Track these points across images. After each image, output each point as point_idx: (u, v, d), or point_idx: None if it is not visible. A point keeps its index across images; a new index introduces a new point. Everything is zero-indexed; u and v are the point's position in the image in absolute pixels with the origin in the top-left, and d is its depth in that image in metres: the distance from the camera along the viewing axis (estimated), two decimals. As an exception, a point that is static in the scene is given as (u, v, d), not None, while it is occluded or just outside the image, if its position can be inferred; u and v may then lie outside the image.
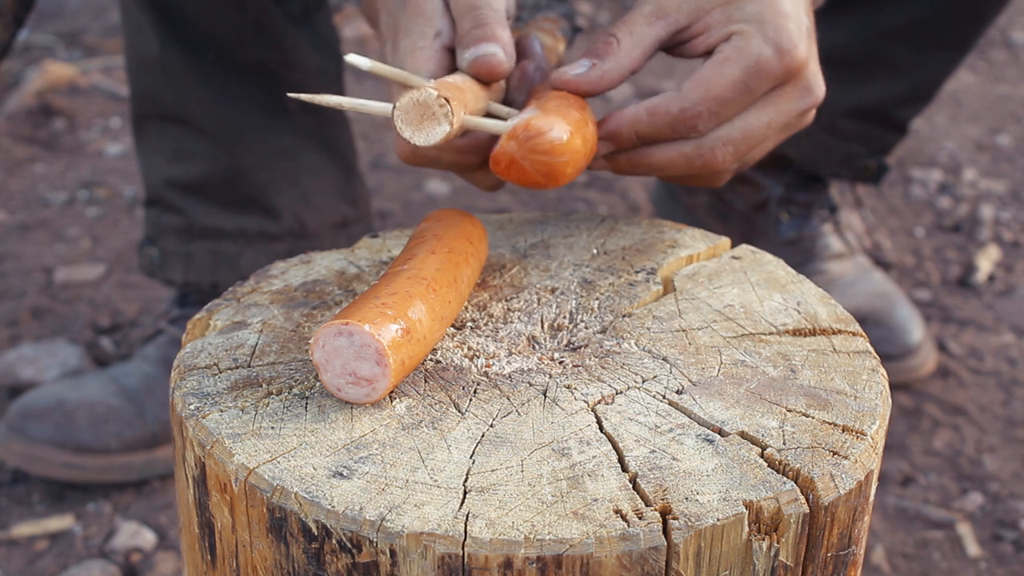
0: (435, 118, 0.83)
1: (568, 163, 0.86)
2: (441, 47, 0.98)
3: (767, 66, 0.94)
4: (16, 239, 2.30)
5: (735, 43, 0.95)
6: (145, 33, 1.60)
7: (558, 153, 0.85)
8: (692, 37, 0.98)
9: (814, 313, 0.89)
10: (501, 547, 0.67)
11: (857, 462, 0.74)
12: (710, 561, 0.69)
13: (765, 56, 0.94)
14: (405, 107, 0.82)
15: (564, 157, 0.86)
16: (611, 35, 0.98)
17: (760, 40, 0.94)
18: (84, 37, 3.27)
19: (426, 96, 0.82)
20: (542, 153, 0.85)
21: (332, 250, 0.98)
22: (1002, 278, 2.22)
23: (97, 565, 1.53)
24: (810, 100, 0.99)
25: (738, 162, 0.98)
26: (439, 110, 0.82)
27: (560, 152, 0.85)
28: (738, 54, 0.94)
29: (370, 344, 0.75)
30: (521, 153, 0.85)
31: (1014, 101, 2.98)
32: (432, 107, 0.82)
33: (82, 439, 1.64)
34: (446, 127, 0.83)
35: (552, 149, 0.85)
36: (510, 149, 0.85)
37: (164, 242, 1.70)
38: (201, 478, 0.76)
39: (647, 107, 0.95)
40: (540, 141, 0.85)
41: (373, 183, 2.47)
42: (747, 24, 0.95)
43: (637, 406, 0.78)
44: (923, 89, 1.89)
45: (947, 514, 1.65)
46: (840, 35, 1.81)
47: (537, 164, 0.85)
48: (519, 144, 0.85)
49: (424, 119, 0.83)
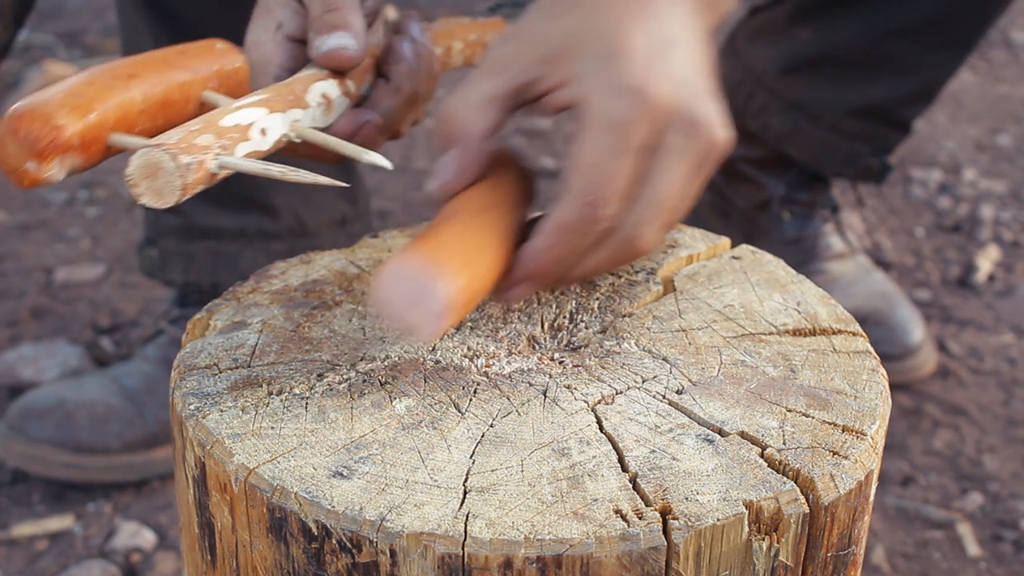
0: (167, 174, 0.75)
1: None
2: (283, 38, 0.96)
3: (631, 121, 0.79)
4: (16, 239, 2.30)
5: (580, 112, 0.80)
6: (141, 33, 1.59)
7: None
8: (547, 91, 0.83)
9: (814, 313, 0.89)
10: (501, 547, 0.67)
11: (857, 462, 0.74)
12: (710, 561, 0.69)
13: (621, 111, 0.78)
14: (136, 175, 0.76)
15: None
16: (451, 116, 0.84)
17: (607, 95, 0.79)
18: (84, 37, 3.27)
19: (153, 158, 0.75)
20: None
21: (332, 250, 0.98)
22: (1002, 278, 2.22)
23: (97, 565, 1.53)
24: (703, 132, 0.81)
25: (668, 229, 0.85)
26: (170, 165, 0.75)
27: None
28: (591, 122, 0.79)
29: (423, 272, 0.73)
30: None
31: (1014, 101, 2.98)
32: (162, 166, 0.75)
33: (82, 439, 1.64)
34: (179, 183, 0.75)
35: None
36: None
37: (164, 242, 1.70)
38: (201, 478, 0.76)
39: (549, 228, 0.81)
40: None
41: (373, 183, 2.47)
42: (584, 82, 0.81)
43: (637, 406, 0.78)
44: (928, 88, 1.89)
45: (947, 514, 1.65)
46: (845, 34, 1.81)
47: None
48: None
49: (157, 178, 0.76)
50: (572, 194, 0.80)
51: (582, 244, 0.81)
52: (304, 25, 0.97)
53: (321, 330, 0.86)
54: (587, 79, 0.80)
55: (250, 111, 0.84)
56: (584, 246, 0.82)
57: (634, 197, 0.81)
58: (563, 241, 0.81)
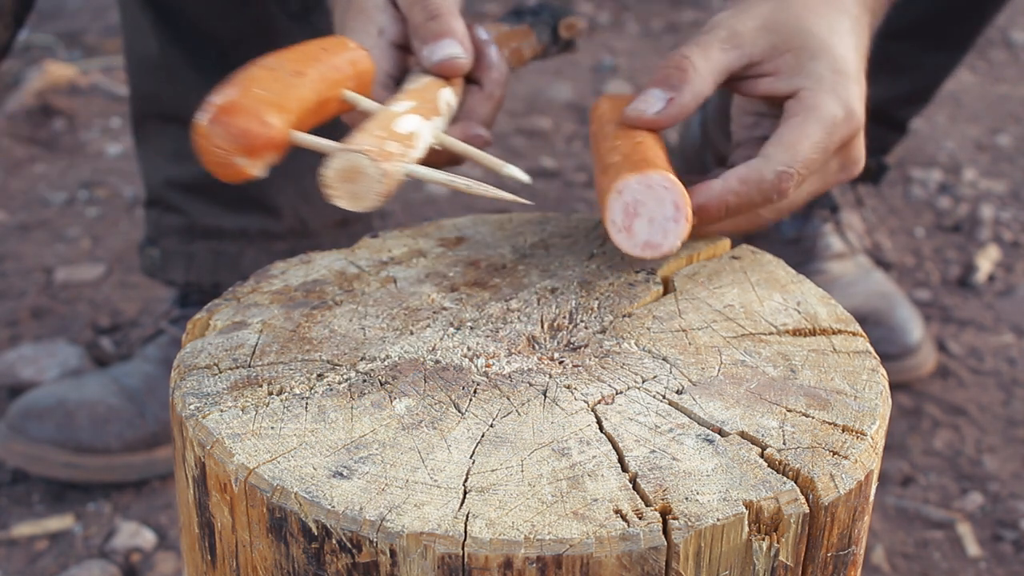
0: (367, 178, 0.76)
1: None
2: (387, 44, 0.96)
3: (840, 128, 0.91)
4: (16, 239, 2.30)
5: (807, 101, 0.92)
6: (145, 33, 1.60)
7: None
8: (759, 75, 0.95)
9: (814, 313, 0.89)
10: (501, 547, 0.67)
11: (857, 462, 0.74)
12: (710, 561, 0.69)
13: (839, 117, 0.91)
14: (333, 178, 0.76)
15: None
16: (685, 58, 0.93)
17: (833, 99, 0.91)
18: (84, 37, 3.27)
19: (353, 160, 0.76)
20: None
21: (332, 250, 0.98)
22: (1002, 278, 2.22)
23: (97, 565, 1.53)
24: (852, 171, 0.96)
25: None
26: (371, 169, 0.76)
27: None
28: (815, 114, 0.91)
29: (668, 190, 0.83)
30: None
31: (1014, 101, 2.98)
32: (362, 169, 0.76)
33: (83, 439, 1.64)
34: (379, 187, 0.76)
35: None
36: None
37: (165, 242, 1.70)
38: (201, 478, 0.76)
39: (739, 178, 0.90)
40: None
41: (373, 183, 2.46)
42: (816, 80, 0.92)
43: (637, 406, 0.78)
44: (924, 88, 1.89)
45: (947, 514, 1.65)
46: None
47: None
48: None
49: (355, 182, 0.76)
50: (774, 160, 0.90)
51: (753, 201, 0.91)
52: (404, 30, 0.98)
53: (321, 330, 0.86)
54: (822, 83, 0.92)
55: (411, 118, 0.85)
56: (751, 205, 0.91)
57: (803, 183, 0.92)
58: (744, 192, 0.90)
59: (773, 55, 0.94)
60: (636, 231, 0.85)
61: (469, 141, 0.96)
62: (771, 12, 0.96)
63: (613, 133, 0.94)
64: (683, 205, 0.84)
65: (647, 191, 0.84)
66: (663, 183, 0.84)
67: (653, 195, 0.84)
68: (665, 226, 0.84)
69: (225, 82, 0.80)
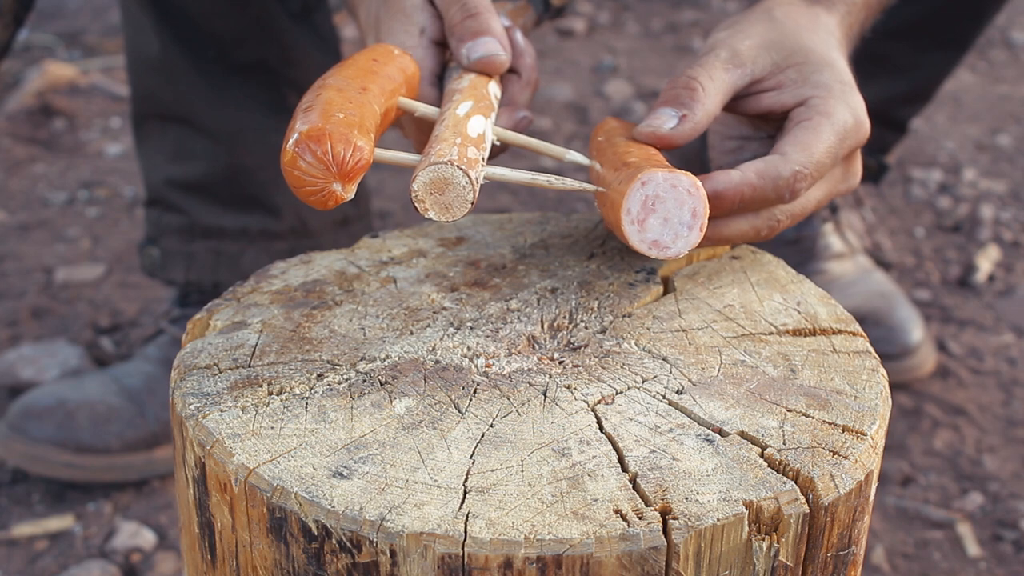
0: (457, 188, 0.78)
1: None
2: (429, 43, 0.97)
3: (850, 135, 0.93)
4: (16, 239, 2.30)
5: (819, 108, 0.93)
6: (145, 32, 1.60)
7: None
8: (763, 91, 0.96)
9: (814, 313, 0.89)
10: (501, 547, 0.67)
11: (857, 462, 0.74)
12: (710, 561, 0.69)
13: (850, 124, 0.93)
14: (422, 188, 0.78)
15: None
16: (693, 79, 0.93)
17: (844, 107, 0.93)
18: (84, 37, 3.27)
19: (444, 172, 0.78)
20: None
21: (332, 250, 0.98)
22: (1002, 278, 2.22)
23: (97, 565, 1.53)
24: (853, 183, 0.98)
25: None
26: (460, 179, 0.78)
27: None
28: (829, 119, 0.93)
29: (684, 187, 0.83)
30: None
31: (1014, 101, 2.98)
32: (451, 179, 0.78)
33: (83, 439, 1.64)
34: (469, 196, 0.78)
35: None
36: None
37: (165, 242, 1.70)
38: (201, 478, 0.76)
39: (756, 171, 0.90)
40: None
41: (373, 183, 2.47)
42: (825, 89, 0.94)
43: (637, 406, 0.78)
44: (923, 88, 1.89)
45: (947, 514, 1.65)
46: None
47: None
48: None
49: (444, 192, 0.78)
50: (790, 159, 0.91)
51: (767, 197, 0.91)
52: (443, 28, 0.98)
53: (321, 330, 0.86)
54: (831, 92, 0.94)
55: (477, 119, 0.86)
56: (765, 201, 0.91)
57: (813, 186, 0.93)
58: (760, 186, 0.90)
59: (775, 72, 0.96)
60: (649, 226, 0.84)
61: (516, 126, 0.98)
62: (767, 32, 0.97)
63: (625, 143, 0.94)
64: (702, 214, 0.83)
65: (671, 189, 0.83)
66: (690, 187, 0.83)
67: (675, 195, 0.83)
68: (678, 230, 0.84)
69: (301, 109, 0.80)
